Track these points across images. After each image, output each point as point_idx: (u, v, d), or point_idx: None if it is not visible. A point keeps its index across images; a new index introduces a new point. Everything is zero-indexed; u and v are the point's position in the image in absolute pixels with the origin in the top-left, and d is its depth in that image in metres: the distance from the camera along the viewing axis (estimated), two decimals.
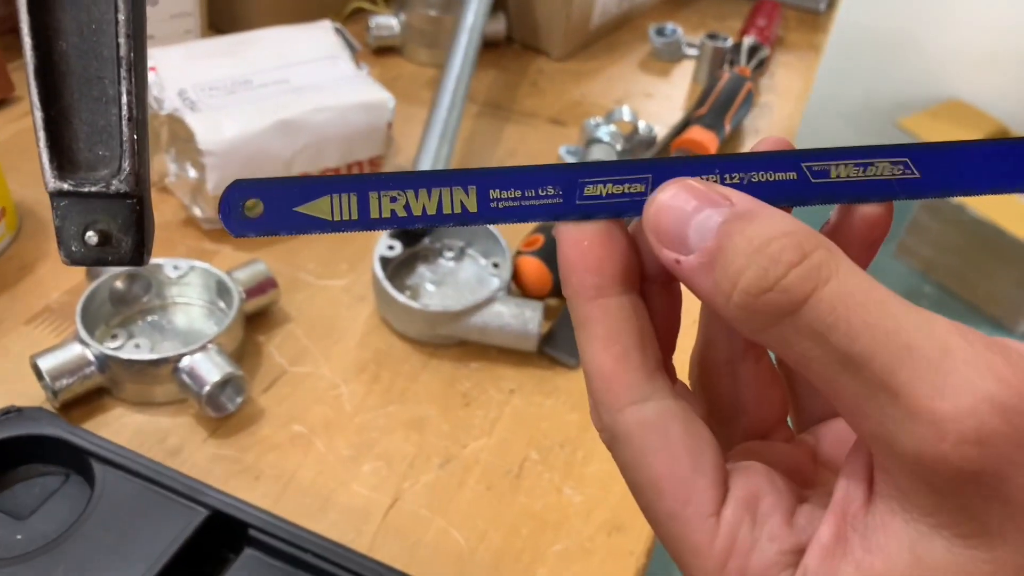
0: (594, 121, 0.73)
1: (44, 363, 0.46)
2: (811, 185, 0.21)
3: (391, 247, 0.56)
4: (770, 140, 0.22)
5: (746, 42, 0.85)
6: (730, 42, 0.85)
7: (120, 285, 0.52)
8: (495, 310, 0.52)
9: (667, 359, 0.24)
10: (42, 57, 0.21)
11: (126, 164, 0.22)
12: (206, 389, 0.46)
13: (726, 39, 0.86)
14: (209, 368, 0.46)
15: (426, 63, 0.85)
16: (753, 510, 0.20)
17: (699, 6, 1.05)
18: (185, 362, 0.47)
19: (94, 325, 0.50)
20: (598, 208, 0.21)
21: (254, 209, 0.21)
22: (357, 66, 0.65)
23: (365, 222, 0.21)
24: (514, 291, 0.56)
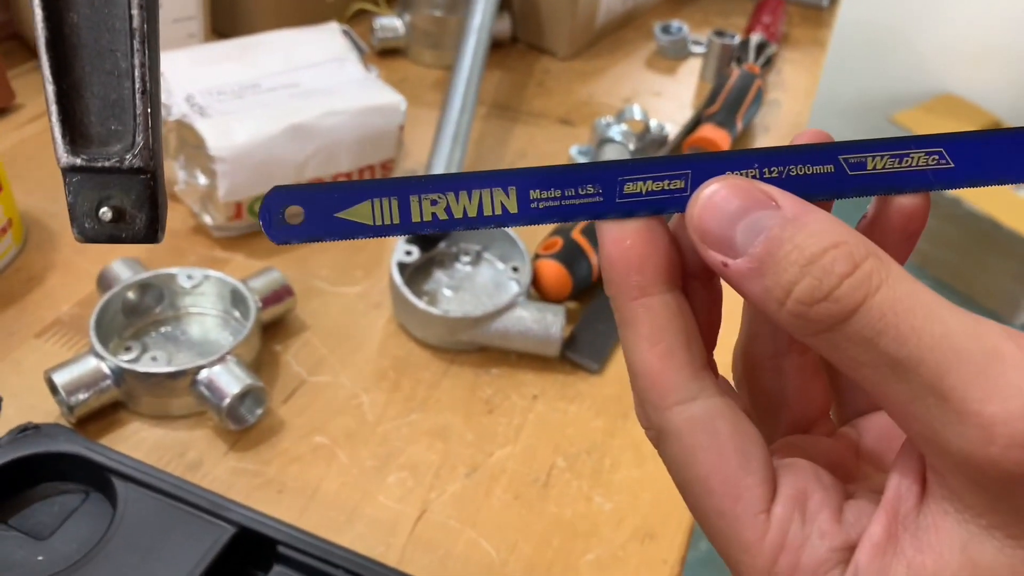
0: (605, 120, 0.72)
1: (59, 378, 0.45)
2: (848, 177, 0.21)
3: (408, 252, 0.55)
4: (808, 133, 0.22)
5: (753, 39, 0.84)
6: (737, 39, 0.85)
7: (133, 296, 0.51)
8: (516, 315, 0.52)
9: (708, 355, 0.24)
10: (53, 29, 0.21)
11: (139, 138, 0.21)
12: (226, 402, 0.45)
13: (733, 36, 0.85)
14: (229, 380, 0.45)
15: (431, 64, 0.84)
16: (803, 507, 0.21)
17: (703, 3, 1.04)
18: (203, 375, 0.46)
19: (107, 337, 0.49)
20: (639, 206, 0.21)
21: (295, 216, 0.21)
22: (366, 68, 0.64)
23: (407, 225, 0.21)
24: (533, 295, 0.55)
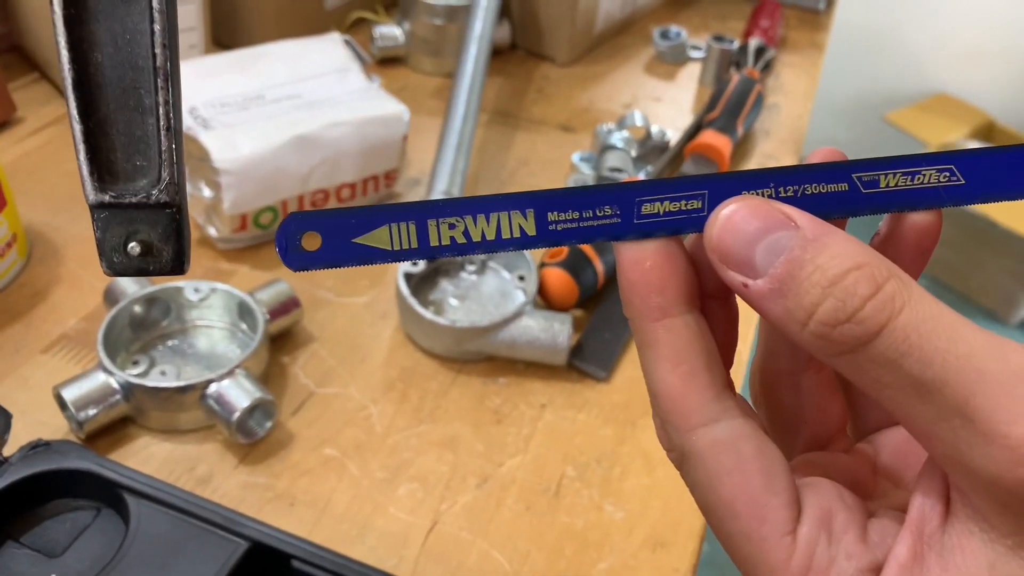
0: (606, 127, 0.72)
1: (68, 393, 0.45)
2: (862, 195, 0.21)
3: (414, 263, 0.55)
4: (822, 152, 0.23)
5: (752, 43, 0.85)
6: (736, 44, 0.85)
7: (139, 309, 0.51)
8: (523, 324, 0.52)
9: (727, 375, 0.24)
10: (79, 69, 0.21)
11: (165, 173, 0.22)
12: (236, 416, 0.45)
13: (732, 41, 0.85)
14: (238, 394, 0.45)
15: (431, 72, 0.84)
16: (828, 528, 0.20)
17: (700, 7, 1.04)
18: (213, 388, 0.46)
19: (115, 352, 0.48)
20: (656, 226, 0.21)
21: (312, 243, 0.21)
22: (368, 78, 0.64)
23: (425, 250, 0.21)
24: (539, 304, 0.55)
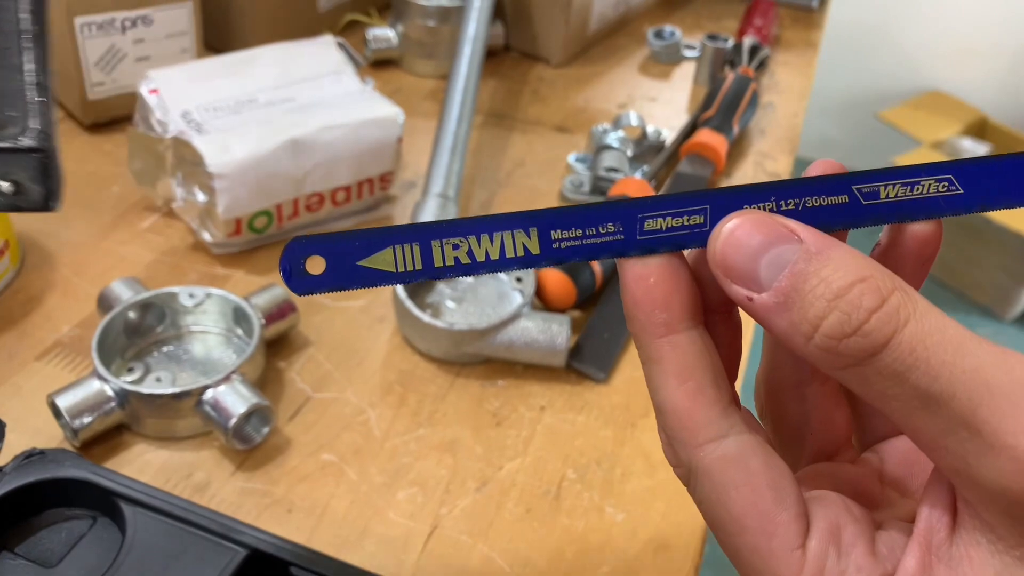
0: (602, 127, 0.72)
1: (63, 401, 0.44)
2: (862, 207, 0.21)
3: None
4: (821, 164, 0.23)
5: (746, 42, 0.84)
6: (731, 43, 0.85)
7: (134, 316, 0.50)
8: (522, 326, 0.51)
9: (732, 389, 0.24)
10: None
11: (32, 123, 0.25)
12: (232, 422, 0.44)
13: (726, 40, 0.85)
14: (235, 400, 0.45)
15: (425, 74, 0.83)
16: (837, 540, 0.21)
17: (694, 7, 1.04)
18: (209, 395, 0.45)
19: (110, 359, 0.48)
20: (659, 242, 0.21)
21: (317, 266, 0.21)
22: (362, 81, 0.64)
23: (430, 271, 0.21)
24: (537, 305, 0.55)
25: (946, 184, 0.21)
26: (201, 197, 0.56)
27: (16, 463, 0.40)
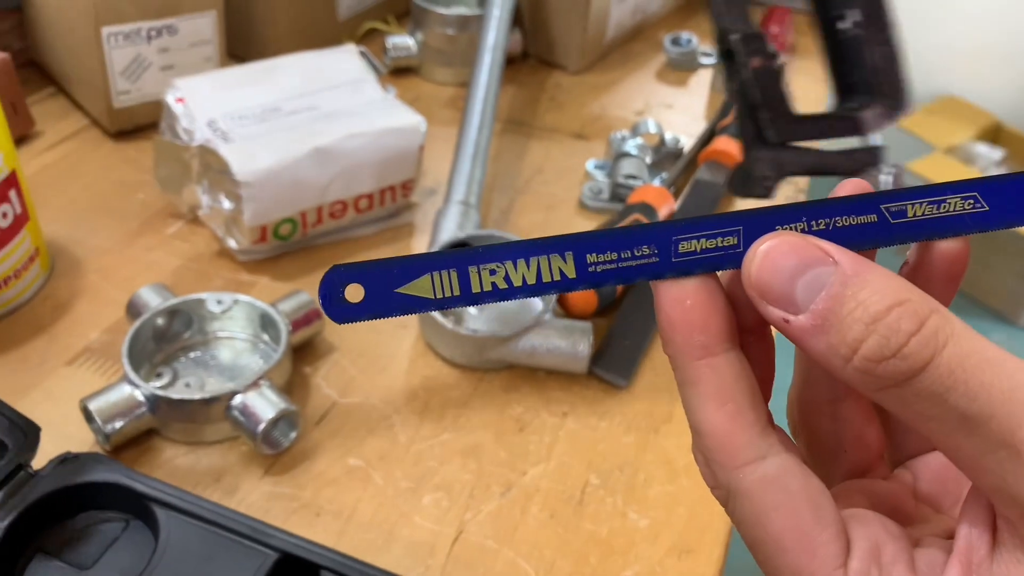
0: (620, 134, 0.72)
1: (95, 405, 0.45)
2: (891, 226, 0.22)
3: None
4: (850, 184, 0.23)
5: None
6: None
7: (162, 322, 0.51)
8: (544, 333, 0.52)
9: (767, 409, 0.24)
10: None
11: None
12: (261, 427, 0.45)
13: None
14: (263, 405, 0.45)
15: (444, 82, 0.84)
16: (877, 559, 0.21)
17: (710, 14, 1.05)
18: (237, 400, 0.46)
19: (138, 364, 0.49)
20: (694, 264, 0.21)
21: (356, 294, 0.21)
22: (384, 89, 0.65)
23: (467, 297, 0.21)
24: (558, 312, 0.56)
25: (972, 202, 0.22)
26: (227, 204, 0.57)
27: (51, 467, 0.41)
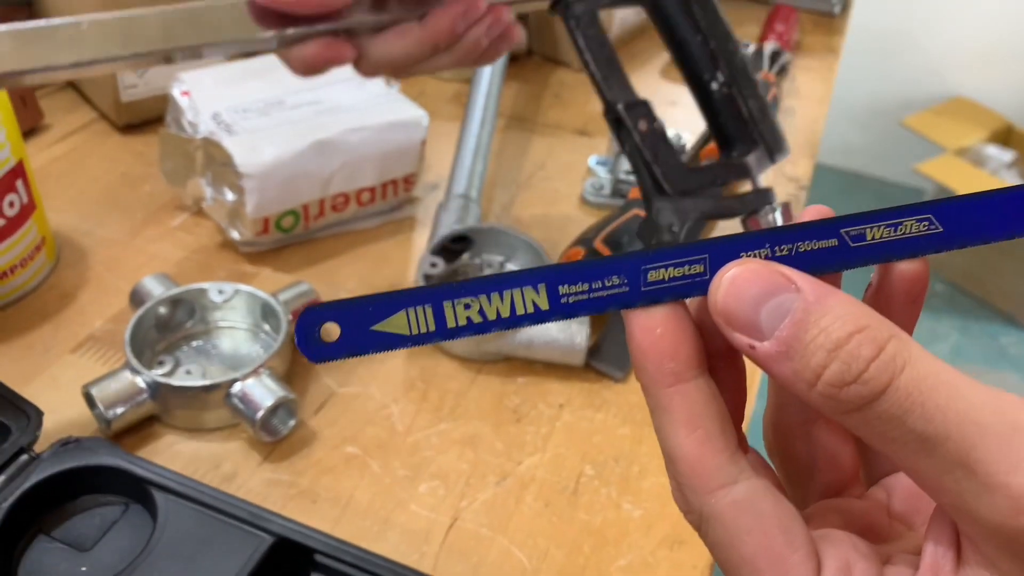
0: None
1: (97, 392, 0.46)
2: (851, 249, 0.22)
3: (434, 264, 0.56)
4: (813, 210, 0.23)
5: (767, 47, 0.85)
6: (751, 48, 0.85)
7: (164, 311, 0.52)
8: (541, 325, 0.52)
9: (738, 429, 0.25)
10: None
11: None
12: (260, 414, 0.46)
13: (747, 45, 0.86)
14: (262, 393, 0.46)
15: (448, 78, 0.85)
16: None
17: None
18: (237, 387, 0.46)
19: (140, 352, 0.49)
20: (663, 292, 0.22)
21: (331, 333, 0.21)
22: (387, 84, 0.65)
23: (443, 332, 0.22)
24: None
25: (926, 223, 0.22)
26: (230, 196, 0.58)
27: (52, 450, 0.42)
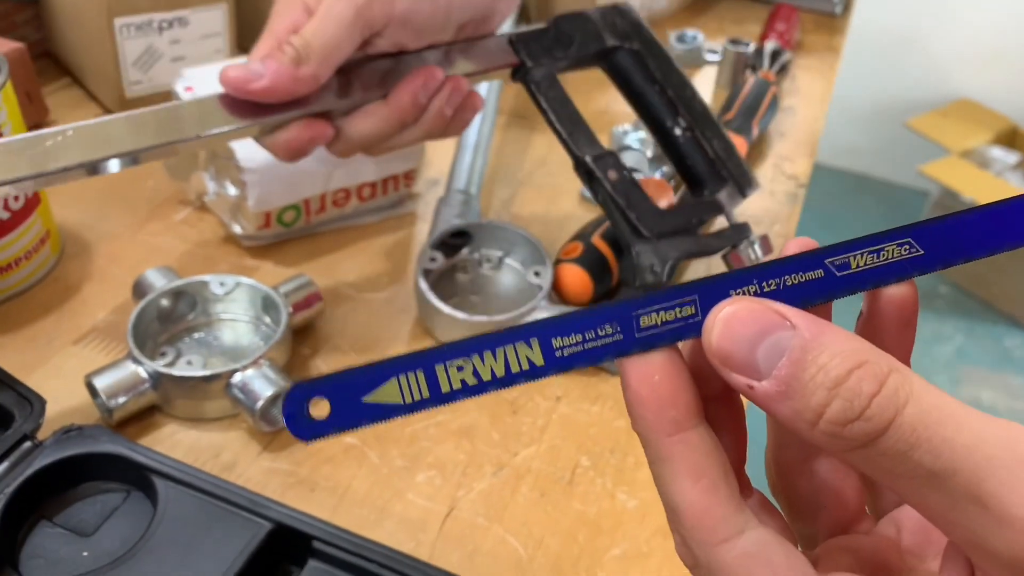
0: (622, 128, 0.73)
1: (100, 382, 0.46)
2: (837, 279, 0.22)
3: (433, 259, 0.56)
4: (796, 242, 0.23)
5: (768, 46, 0.85)
6: (752, 47, 0.86)
7: (167, 303, 0.52)
8: (539, 318, 0.53)
9: (740, 470, 0.24)
10: None
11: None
12: (259, 404, 0.46)
13: (748, 44, 0.86)
14: (262, 383, 0.47)
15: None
16: None
17: (717, 12, 1.05)
18: (237, 378, 0.47)
19: (143, 343, 0.50)
20: (657, 338, 0.21)
21: (321, 409, 0.21)
22: None
23: (438, 397, 0.21)
24: (555, 299, 0.56)
25: (907, 247, 0.22)
26: (232, 191, 0.58)
27: (55, 438, 0.43)
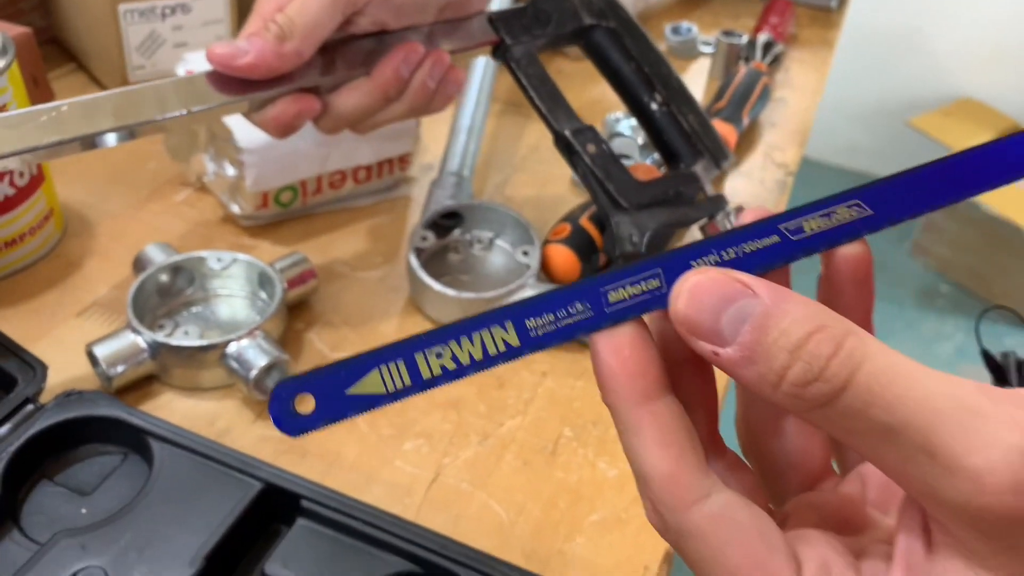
0: (614, 116, 0.75)
1: (100, 350, 0.48)
2: (792, 243, 0.23)
3: (424, 238, 0.58)
4: (751, 212, 0.24)
5: (760, 39, 0.87)
6: (745, 39, 0.87)
7: (165, 278, 0.54)
8: (527, 295, 0.54)
9: (714, 431, 0.26)
10: None
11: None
12: (253, 373, 0.48)
13: (741, 36, 0.88)
14: (256, 353, 0.48)
15: None
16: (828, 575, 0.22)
17: (713, 5, 1.07)
18: (232, 348, 0.49)
19: (142, 316, 0.52)
20: (627, 311, 0.22)
21: (306, 404, 0.21)
22: None
23: (420, 384, 0.22)
24: (543, 279, 0.58)
25: (857, 208, 0.23)
26: (231, 171, 0.60)
27: (56, 402, 0.44)
